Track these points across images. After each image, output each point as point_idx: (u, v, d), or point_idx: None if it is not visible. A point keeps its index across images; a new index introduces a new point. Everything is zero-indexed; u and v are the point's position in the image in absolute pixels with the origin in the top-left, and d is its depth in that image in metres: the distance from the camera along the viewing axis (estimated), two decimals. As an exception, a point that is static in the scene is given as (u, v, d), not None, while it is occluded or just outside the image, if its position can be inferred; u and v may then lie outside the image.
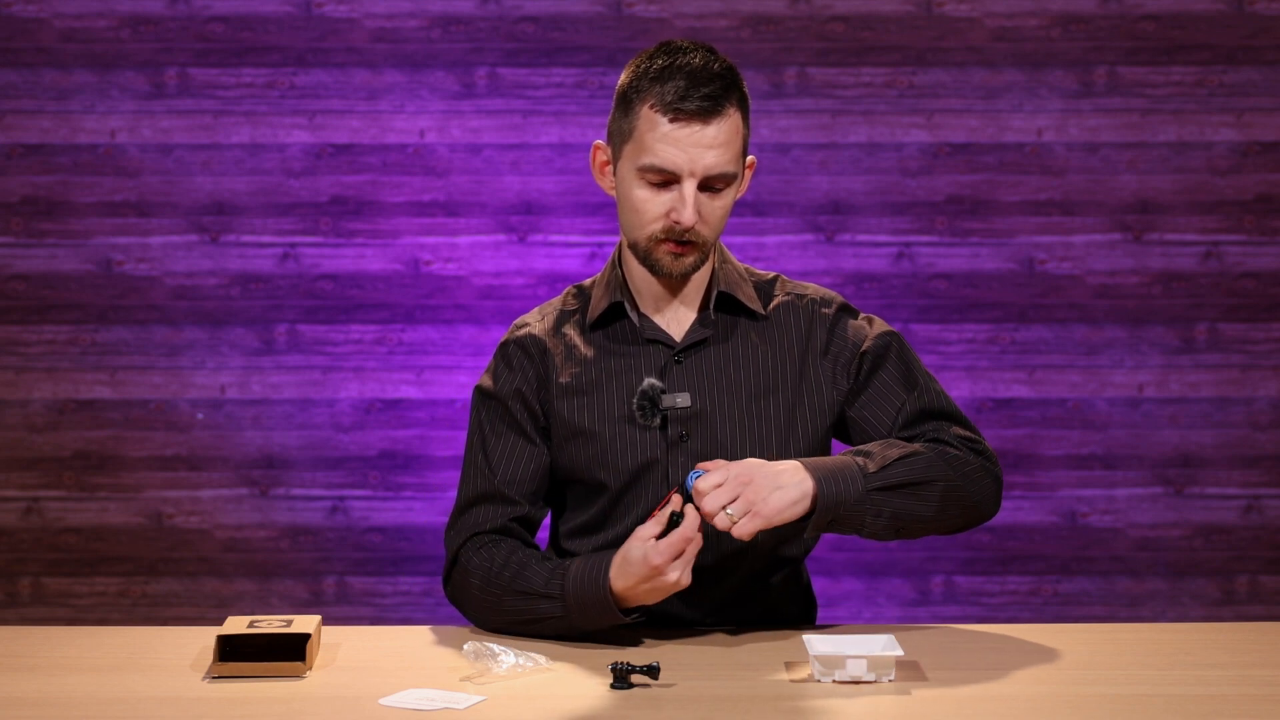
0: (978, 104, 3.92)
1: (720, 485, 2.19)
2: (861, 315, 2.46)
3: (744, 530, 2.18)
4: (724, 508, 2.18)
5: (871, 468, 2.26)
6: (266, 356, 3.93)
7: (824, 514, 2.22)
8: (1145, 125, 3.92)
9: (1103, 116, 3.92)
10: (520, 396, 2.42)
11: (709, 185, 2.32)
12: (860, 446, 2.32)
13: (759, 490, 2.19)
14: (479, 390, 2.45)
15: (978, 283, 3.94)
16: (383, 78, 3.91)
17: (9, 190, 3.91)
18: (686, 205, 2.31)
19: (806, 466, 2.24)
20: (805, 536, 2.27)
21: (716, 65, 2.32)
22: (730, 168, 2.32)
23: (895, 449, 2.30)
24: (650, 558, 2.19)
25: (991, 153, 3.92)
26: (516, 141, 3.92)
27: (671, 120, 2.30)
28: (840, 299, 2.46)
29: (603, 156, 2.41)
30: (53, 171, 3.91)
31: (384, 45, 3.91)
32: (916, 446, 2.32)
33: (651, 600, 2.23)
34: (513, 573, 2.32)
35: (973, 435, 2.38)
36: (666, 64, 2.32)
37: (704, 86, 2.30)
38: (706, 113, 2.30)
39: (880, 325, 2.44)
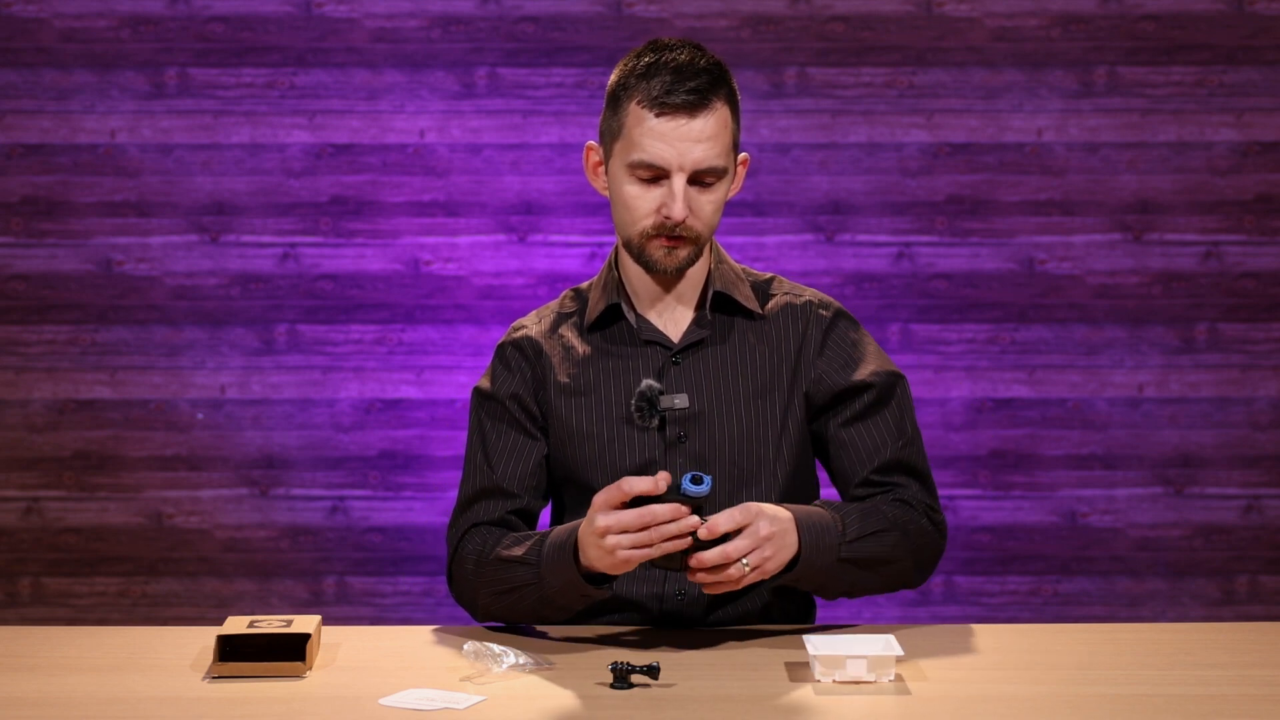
0: (978, 104, 3.92)
1: (742, 534, 2.17)
2: (864, 331, 2.47)
3: (745, 583, 2.19)
4: (743, 558, 2.17)
5: (850, 536, 2.28)
6: (266, 356, 3.93)
7: (797, 577, 2.25)
8: (1145, 125, 3.92)
9: (1103, 116, 3.92)
10: (517, 398, 2.43)
11: (699, 180, 2.33)
12: (842, 504, 2.33)
13: (772, 548, 2.19)
14: (477, 391, 2.46)
15: (978, 283, 3.94)
16: (383, 78, 3.91)
17: (9, 190, 3.91)
18: (676, 199, 2.32)
19: (799, 525, 2.23)
20: (771, 585, 2.27)
21: (703, 61, 2.34)
22: (719, 162, 2.33)
23: (872, 520, 2.31)
24: (594, 502, 2.18)
25: (991, 153, 3.92)
26: (516, 141, 3.92)
27: (658, 115, 2.31)
28: (839, 305, 2.47)
29: (595, 157, 2.42)
30: (53, 171, 3.91)
31: (384, 45, 3.91)
32: (890, 515, 2.33)
33: (599, 557, 2.19)
34: (498, 542, 2.33)
35: (934, 504, 2.42)
36: (653, 61, 2.34)
37: (690, 81, 2.31)
38: (693, 106, 2.31)
39: (888, 360, 2.45)
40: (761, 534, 2.17)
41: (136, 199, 3.92)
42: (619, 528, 2.15)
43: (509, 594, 2.31)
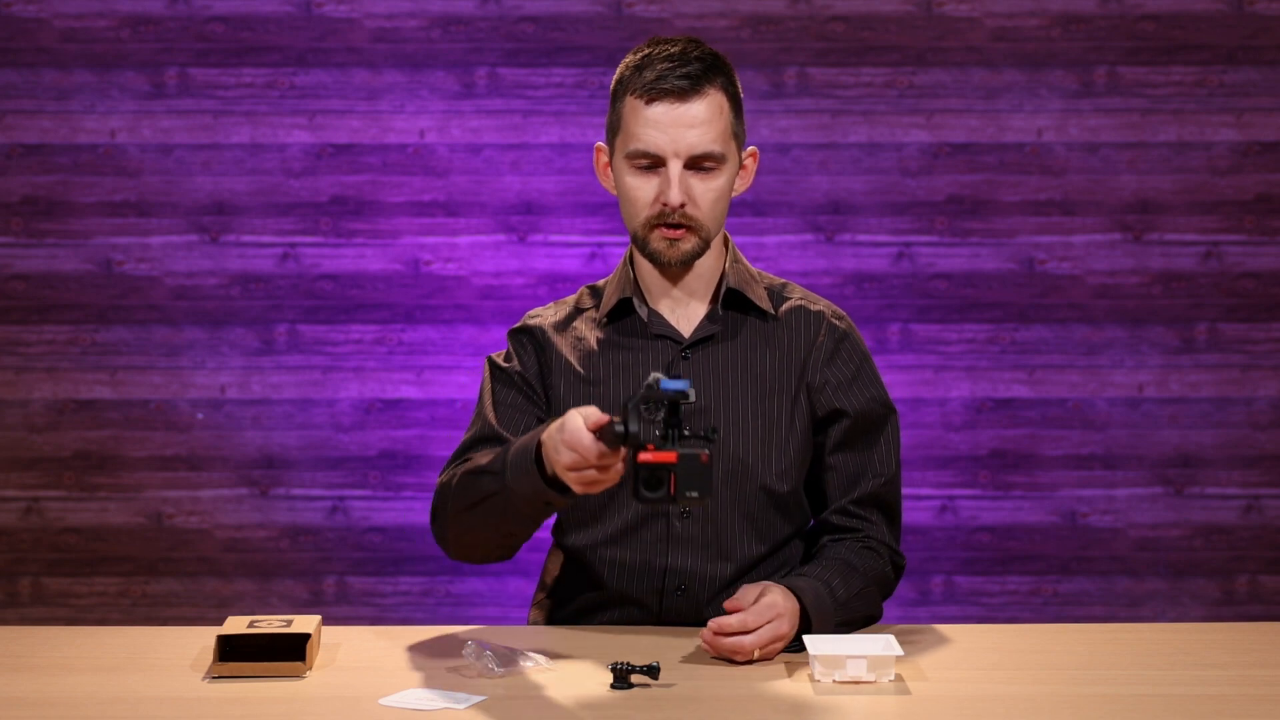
0: (978, 104, 3.92)
1: (763, 629, 2.19)
2: (866, 348, 2.49)
3: (744, 656, 2.20)
4: (759, 647, 2.19)
5: (840, 600, 2.30)
6: (266, 356, 3.93)
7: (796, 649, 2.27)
8: (1145, 125, 3.92)
9: (1103, 116, 3.92)
10: (523, 377, 2.46)
11: (697, 165, 2.35)
12: (821, 568, 2.34)
13: (783, 644, 2.22)
14: (491, 360, 2.49)
15: (978, 283, 3.94)
16: (383, 78, 3.91)
17: (9, 190, 3.91)
18: (672, 185, 2.33)
19: (804, 610, 2.25)
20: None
21: (696, 51, 2.37)
22: (715, 147, 2.34)
23: (854, 580, 2.34)
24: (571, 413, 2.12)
25: (991, 153, 3.92)
26: (516, 141, 3.92)
27: (649, 102, 2.34)
28: (849, 319, 2.49)
29: (604, 158, 2.45)
30: (53, 171, 3.91)
31: (384, 45, 3.91)
32: (862, 569, 2.36)
33: (556, 453, 2.13)
34: (474, 462, 2.33)
35: (896, 545, 2.45)
36: (648, 53, 2.38)
37: (682, 68, 2.34)
38: (684, 91, 2.33)
39: (885, 390, 2.47)
40: (782, 632, 2.20)
41: (136, 199, 3.92)
42: (586, 465, 2.10)
43: (476, 507, 2.29)
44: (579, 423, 2.09)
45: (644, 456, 2.04)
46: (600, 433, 2.08)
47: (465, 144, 3.92)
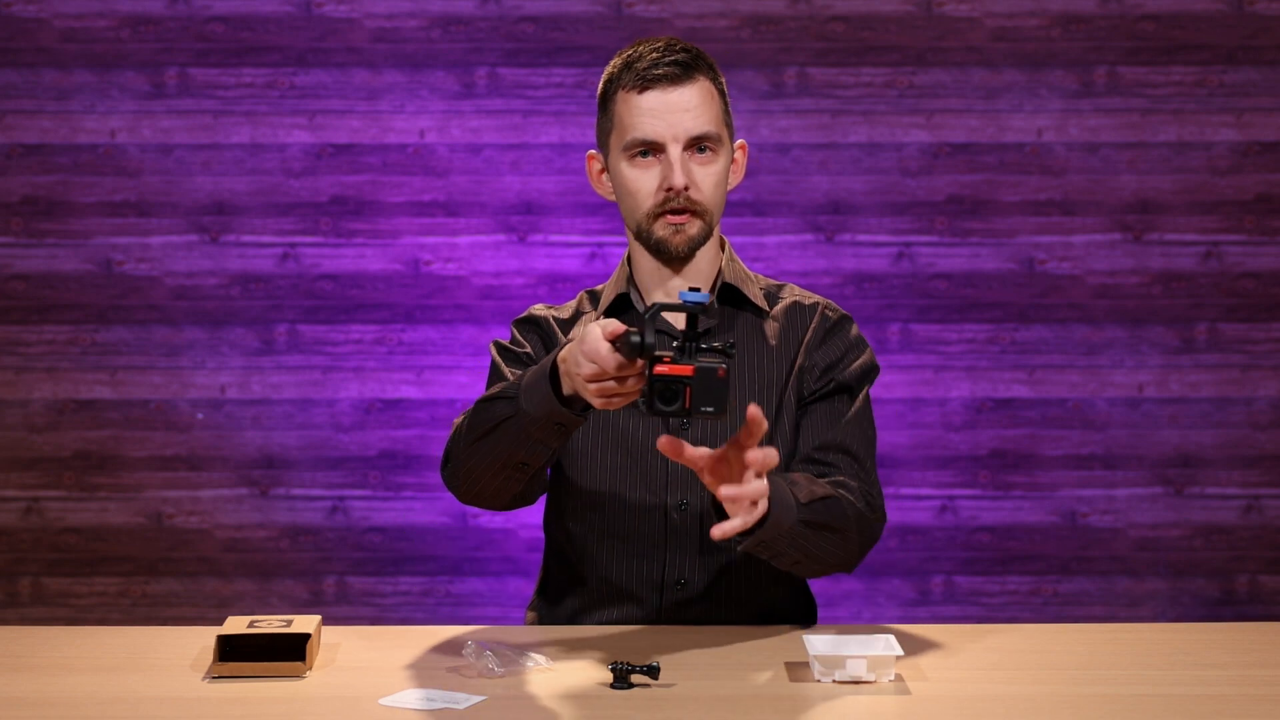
0: (978, 104, 3.92)
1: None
2: (865, 341, 2.48)
3: (733, 526, 2.11)
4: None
5: (802, 499, 2.24)
6: (266, 356, 3.93)
7: (763, 537, 2.19)
8: (1145, 125, 3.92)
9: (1103, 116, 3.92)
10: (533, 360, 2.45)
11: (696, 148, 2.38)
12: (786, 474, 2.30)
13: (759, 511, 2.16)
14: (497, 343, 2.49)
15: (978, 283, 3.94)
16: (383, 78, 3.91)
17: (9, 190, 3.91)
18: (674, 168, 2.36)
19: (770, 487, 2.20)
20: (738, 549, 2.23)
21: (681, 45, 2.40)
22: (711, 128, 2.37)
23: (820, 487, 2.28)
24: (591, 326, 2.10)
25: (991, 153, 3.92)
26: (516, 141, 3.92)
27: (642, 91, 2.37)
28: (846, 313, 2.49)
29: (597, 165, 2.47)
30: (53, 171, 3.91)
31: (384, 45, 3.91)
32: (832, 491, 2.30)
33: (576, 366, 2.10)
34: (488, 393, 2.31)
35: (870, 488, 2.38)
36: (632, 52, 2.41)
37: (669, 57, 2.37)
38: (676, 77, 2.37)
39: (869, 353, 2.46)
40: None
41: (136, 199, 3.92)
42: (605, 376, 2.07)
43: (489, 435, 2.25)
44: (598, 333, 2.06)
45: (660, 369, 2.01)
46: (617, 343, 2.06)
47: (465, 144, 3.92)
